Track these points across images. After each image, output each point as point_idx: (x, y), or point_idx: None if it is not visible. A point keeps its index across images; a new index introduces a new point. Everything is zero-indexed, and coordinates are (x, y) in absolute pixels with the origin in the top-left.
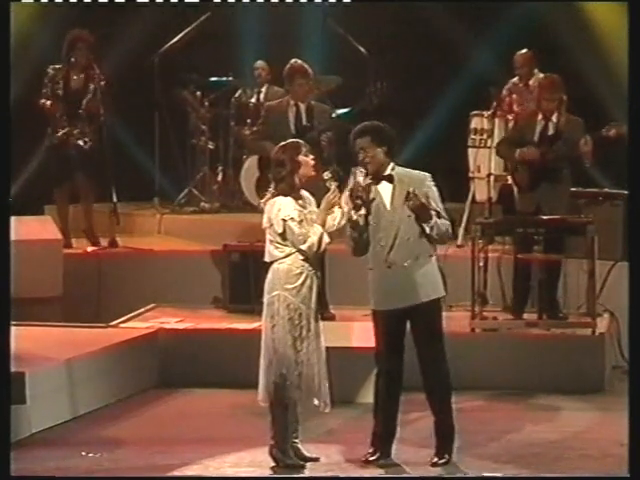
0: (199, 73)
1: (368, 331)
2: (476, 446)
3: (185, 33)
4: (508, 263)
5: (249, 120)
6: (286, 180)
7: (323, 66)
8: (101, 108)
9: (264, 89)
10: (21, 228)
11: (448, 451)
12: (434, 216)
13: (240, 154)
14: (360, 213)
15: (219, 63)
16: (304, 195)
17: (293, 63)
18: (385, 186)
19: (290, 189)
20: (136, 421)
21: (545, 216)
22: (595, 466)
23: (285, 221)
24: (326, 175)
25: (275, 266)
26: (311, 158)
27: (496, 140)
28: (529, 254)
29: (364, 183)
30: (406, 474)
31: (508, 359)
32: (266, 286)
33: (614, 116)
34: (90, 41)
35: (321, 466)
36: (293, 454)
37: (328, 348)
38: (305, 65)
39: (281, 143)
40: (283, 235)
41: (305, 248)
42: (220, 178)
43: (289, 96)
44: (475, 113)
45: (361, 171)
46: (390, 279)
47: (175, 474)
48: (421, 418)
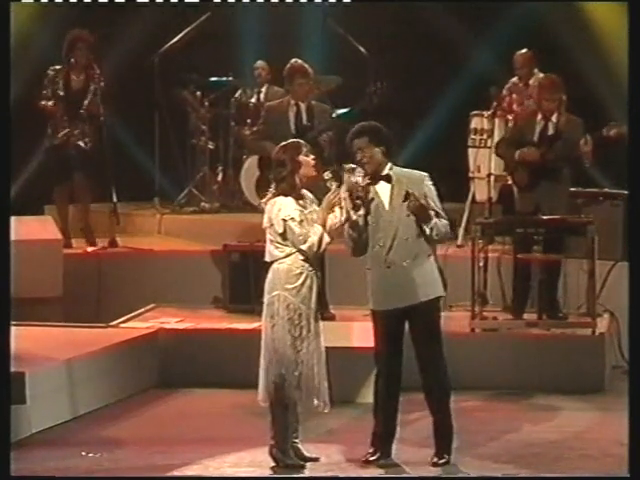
0: (199, 73)
1: (368, 331)
2: (476, 446)
3: (185, 33)
4: (508, 263)
5: (249, 120)
6: (287, 180)
7: (323, 66)
8: (101, 108)
9: (264, 89)
10: (21, 228)
11: (447, 451)
12: (434, 217)
13: (240, 154)
14: (359, 213)
15: (219, 63)
16: (305, 195)
17: (293, 63)
18: (383, 186)
19: (291, 189)
20: (136, 421)
21: (545, 216)
22: (595, 466)
23: (285, 221)
24: (327, 175)
25: (275, 266)
26: (312, 158)
27: (496, 140)
28: (529, 254)
29: (363, 183)
30: (406, 474)
31: (508, 359)
32: (266, 286)
33: (614, 116)
34: (90, 41)
35: (321, 466)
36: (293, 454)
37: (328, 348)
38: (305, 65)
39: (282, 143)
40: (283, 235)
41: (305, 248)
42: (220, 178)
43: (289, 96)
44: (475, 113)
45: (359, 171)
46: (389, 279)
47: (175, 474)
48: (421, 418)
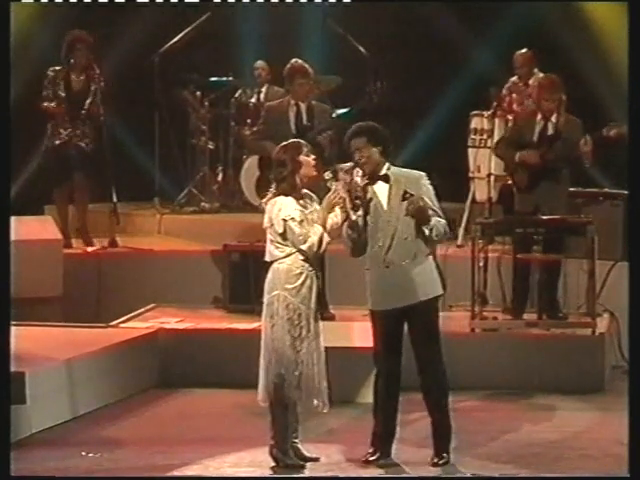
0: (199, 73)
1: (368, 331)
2: (476, 446)
3: (185, 33)
4: (508, 263)
5: (249, 120)
6: (287, 180)
7: (323, 66)
8: (101, 108)
9: (264, 89)
10: (21, 228)
11: (446, 451)
12: (433, 218)
13: (240, 154)
14: (359, 214)
15: (219, 63)
16: (306, 195)
17: (293, 63)
18: (381, 186)
19: (291, 189)
20: (136, 421)
21: (544, 216)
22: (595, 466)
23: (286, 221)
24: (327, 175)
25: (275, 266)
26: (312, 158)
27: (496, 140)
28: (529, 254)
29: (362, 183)
30: (406, 474)
31: (508, 359)
32: (266, 286)
33: (614, 116)
34: (89, 42)
35: (321, 466)
36: (293, 454)
37: (328, 348)
38: (305, 65)
39: (282, 143)
40: (284, 235)
41: (305, 248)
42: (220, 178)
43: (289, 96)
44: (475, 113)
45: (358, 171)
46: (388, 279)
47: (175, 474)
48: (420, 418)
